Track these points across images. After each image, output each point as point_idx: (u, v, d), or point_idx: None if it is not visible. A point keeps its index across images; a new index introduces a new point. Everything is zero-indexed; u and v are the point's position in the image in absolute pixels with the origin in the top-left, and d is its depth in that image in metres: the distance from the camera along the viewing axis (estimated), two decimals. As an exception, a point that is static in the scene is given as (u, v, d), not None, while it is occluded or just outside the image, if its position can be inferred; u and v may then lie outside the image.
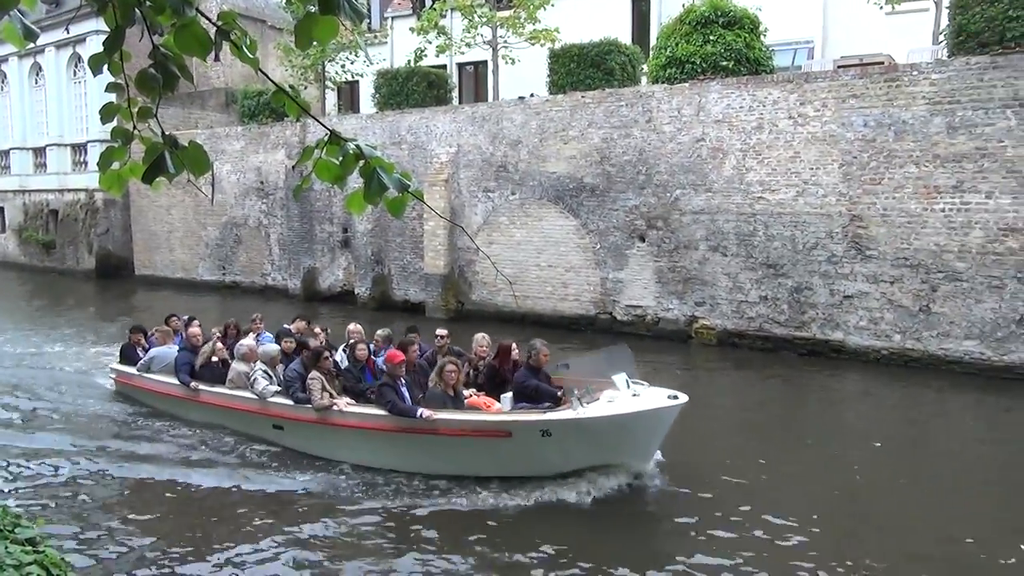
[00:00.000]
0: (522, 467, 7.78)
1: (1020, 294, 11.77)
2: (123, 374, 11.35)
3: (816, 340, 13.60)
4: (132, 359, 11.27)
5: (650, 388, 8.05)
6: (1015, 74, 11.69)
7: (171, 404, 10.47)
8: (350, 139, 2.68)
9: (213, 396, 9.83)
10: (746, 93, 14.13)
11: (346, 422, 8.45)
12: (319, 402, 8.48)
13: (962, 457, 9.14)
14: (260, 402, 9.14)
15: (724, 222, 14.45)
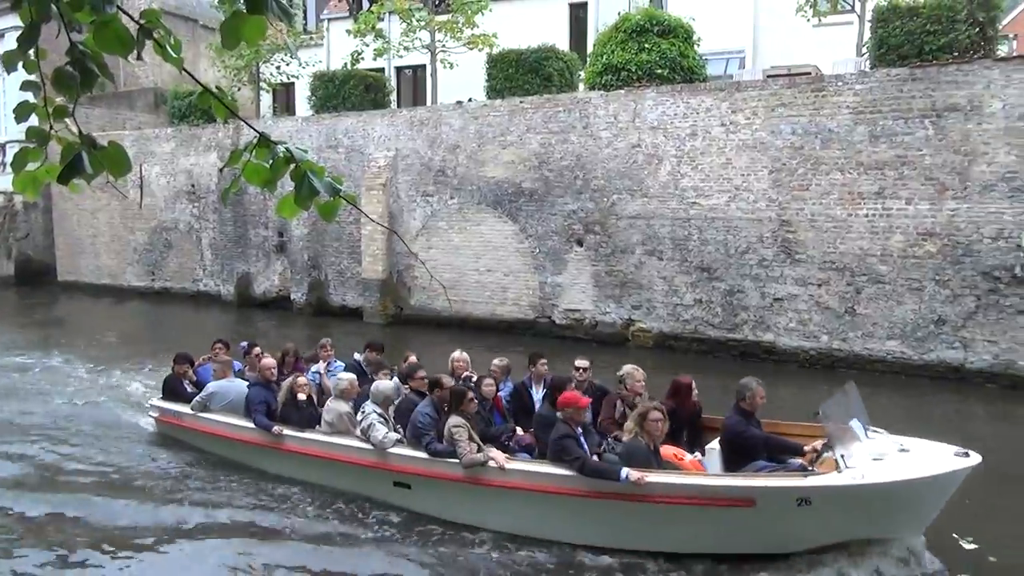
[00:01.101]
0: (761, 543, 6.21)
1: (938, 296, 12.30)
2: (169, 413, 9.46)
3: (748, 342, 13.95)
4: (179, 395, 9.44)
5: (892, 437, 6.56)
6: (932, 86, 12.23)
7: (240, 451, 8.62)
8: (280, 142, 2.63)
9: (305, 444, 7.96)
10: (680, 101, 14.42)
11: (508, 482, 6.67)
12: (470, 457, 6.67)
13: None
14: (377, 454, 7.34)
15: (660, 227, 14.70)
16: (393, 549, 6.75)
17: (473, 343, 15.81)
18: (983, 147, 11.88)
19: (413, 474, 7.21)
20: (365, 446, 7.47)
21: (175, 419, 9.40)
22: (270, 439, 8.17)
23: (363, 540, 6.95)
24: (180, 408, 9.32)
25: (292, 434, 8.07)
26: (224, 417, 8.82)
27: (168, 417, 9.52)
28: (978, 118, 11.89)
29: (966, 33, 12.56)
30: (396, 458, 7.30)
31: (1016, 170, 11.66)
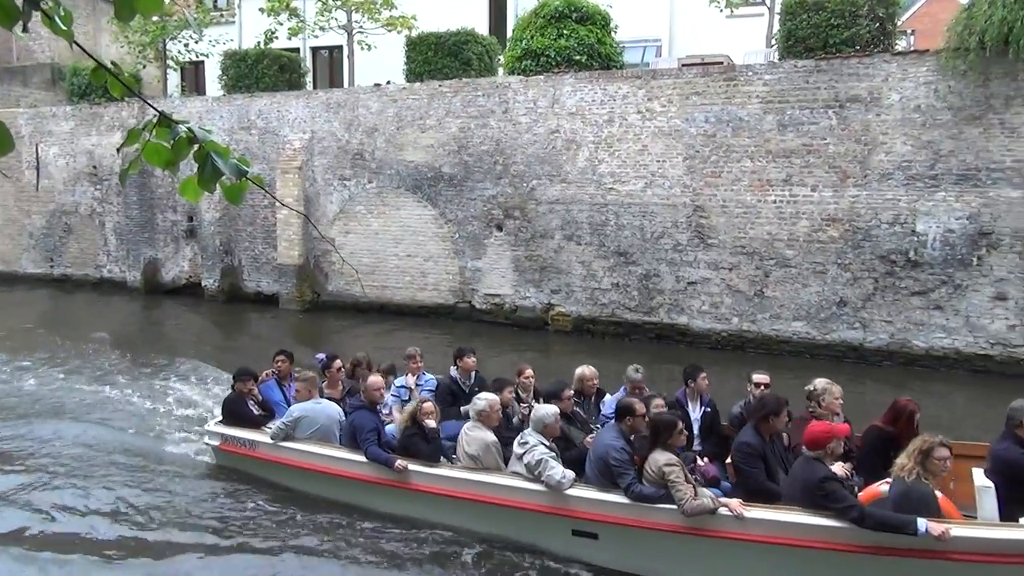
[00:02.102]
0: None
1: (840, 279, 12.89)
2: (238, 442, 7.84)
3: (664, 324, 14.31)
4: (245, 418, 7.91)
5: None
6: (836, 77, 12.74)
7: (341, 489, 7.13)
8: (181, 121, 2.53)
9: (442, 483, 6.57)
10: (598, 87, 14.58)
11: (744, 534, 5.47)
12: (697, 504, 5.52)
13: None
14: (551, 496, 6.07)
15: (578, 212, 14.87)
16: None
17: (393, 328, 15.74)
18: (882, 137, 12.47)
19: (601, 522, 5.92)
20: (531, 486, 6.14)
21: (246, 449, 7.77)
22: (388, 476, 6.73)
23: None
24: (252, 435, 7.73)
25: (422, 470, 6.64)
26: (318, 448, 7.25)
27: (236, 446, 7.87)
28: (877, 109, 12.47)
29: (867, 28, 13.11)
30: (579, 502, 5.99)
31: (911, 159, 12.29)
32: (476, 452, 6.51)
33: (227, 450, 7.97)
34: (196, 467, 8.38)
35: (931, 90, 12.13)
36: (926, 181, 12.21)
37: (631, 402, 6.29)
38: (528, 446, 6.23)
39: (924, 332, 12.41)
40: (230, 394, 8.16)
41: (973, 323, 12.10)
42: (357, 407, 7.24)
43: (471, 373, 8.12)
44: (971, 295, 12.07)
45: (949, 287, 12.20)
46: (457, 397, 7.87)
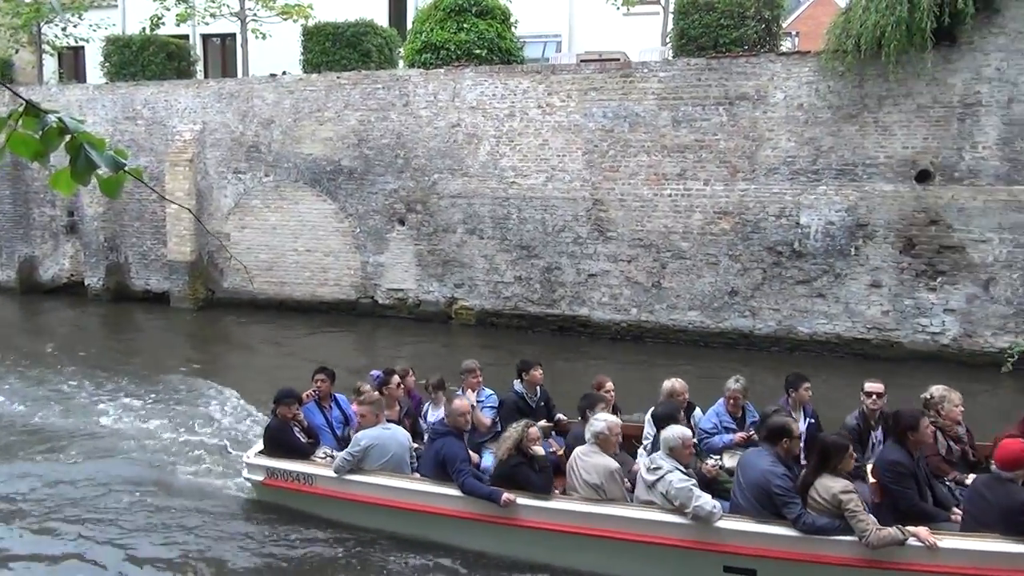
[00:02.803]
0: None
1: (731, 269, 13.44)
2: (289, 476, 6.82)
3: (565, 316, 14.55)
4: (292, 447, 6.98)
5: None
6: (726, 76, 13.25)
7: (429, 526, 6.34)
8: (50, 111, 2.40)
9: (560, 518, 5.86)
10: (498, 82, 14.64)
11: (938, 567, 5.03)
12: (884, 534, 5.06)
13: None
14: (699, 529, 5.50)
15: (480, 206, 14.91)
16: None
17: (294, 325, 15.37)
18: (768, 134, 13.06)
19: (761, 556, 5.37)
20: (672, 518, 5.56)
21: (300, 484, 6.78)
22: (490, 511, 5.97)
23: None
24: (307, 468, 6.79)
25: (533, 504, 5.88)
26: (398, 481, 6.43)
27: (285, 481, 6.84)
28: (764, 107, 13.04)
29: (754, 29, 13.68)
30: (732, 535, 5.41)
31: (795, 155, 12.93)
32: (599, 481, 5.82)
33: (274, 485, 6.90)
34: (234, 505, 7.34)
35: (812, 89, 12.78)
36: (808, 176, 12.88)
37: (786, 422, 5.70)
38: (662, 472, 5.63)
39: (808, 319, 13.10)
40: (272, 421, 7.14)
41: (852, 309, 12.86)
42: (443, 433, 6.42)
43: (537, 387, 7.49)
44: (849, 283, 12.83)
45: (830, 276, 12.92)
46: (524, 414, 7.13)
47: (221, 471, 8.20)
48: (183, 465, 8.40)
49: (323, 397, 7.59)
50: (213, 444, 9.03)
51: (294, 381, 7.85)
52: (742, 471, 5.72)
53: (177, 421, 9.87)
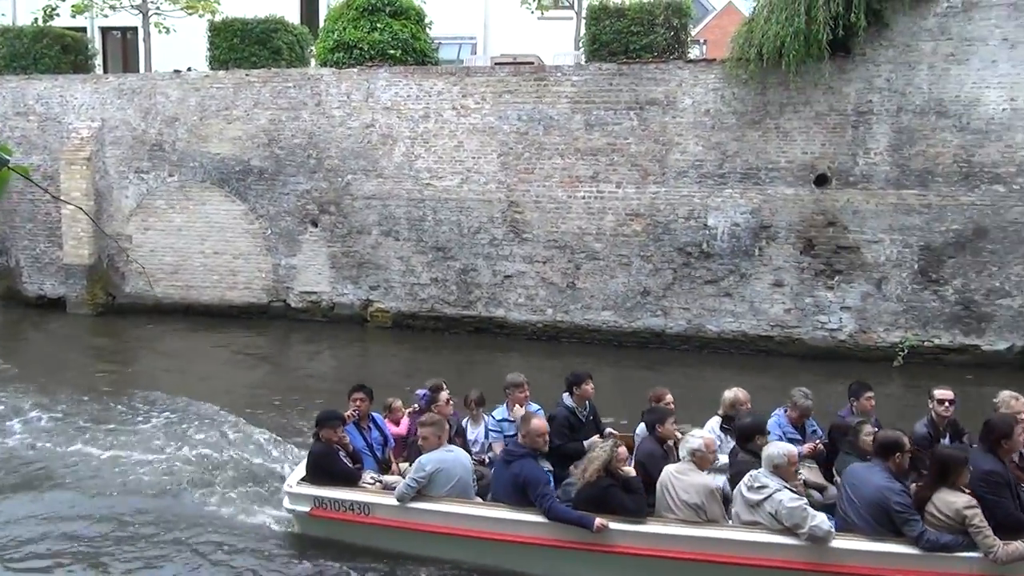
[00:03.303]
0: None
1: (643, 270, 13.75)
2: (341, 506, 6.26)
3: (482, 318, 14.57)
4: (343, 475, 6.44)
5: None
6: (636, 81, 13.55)
7: (508, 556, 5.89)
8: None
9: (660, 543, 5.55)
10: (413, 82, 14.55)
11: None
12: (1010, 550, 4.97)
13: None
14: (814, 550, 5.31)
15: (395, 207, 14.78)
16: None
17: (202, 330, 14.86)
18: (677, 138, 13.43)
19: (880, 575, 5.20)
20: (784, 540, 5.31)
21: (355, 514, 6.22)
22: (579, 537, 5.62)
23: None
24: (362, 497, 6.26)
25: (629, 529, 5.56)
26: (474, 508, 6.03)
27: (337, 511, 6.26)
28: (673, 112, 13.41)
29: (663, 36, 14.02)
30: (849, 555, 5.21)
31: (702, 159, 13.35)
32: (699, 501, 5.52)
33: (324, 516, 6.32)
34: (277, 541, 6.68)
35: (718, 96, 13.22)
36: (715, 179, 13.31)
37: (898, 436, 5.50)
38: (769, 491, 5.35)
39: (716, 317, 13.53)
40: (317, 446, 6.48)
41: (756, 308, 13.36)
42: (520, 455, 5.93)
43: (587, 401, 7.13)
44: (754, 283, 13.32)
45: (736, 276, 13.38)
46: (575, 430, 6.88)
47: (247, 499, 7.41)
48: (197, 494, 7.52)
49: (362, 417, 7.05)
50: (218, 466, 8.12)
51: (235, 391, 7.48)
52: (852, 488, 5.54)
53: (157, 441, 8.95)
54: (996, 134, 12.21)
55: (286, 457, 8.47)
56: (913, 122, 12.48)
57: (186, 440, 8.97)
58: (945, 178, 12.46)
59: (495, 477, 6.24)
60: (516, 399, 7.13)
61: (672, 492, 5.64)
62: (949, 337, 12.68)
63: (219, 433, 9.17)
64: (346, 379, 9.16)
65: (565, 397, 7.05)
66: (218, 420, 9.62)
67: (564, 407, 6.97)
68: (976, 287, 12.52)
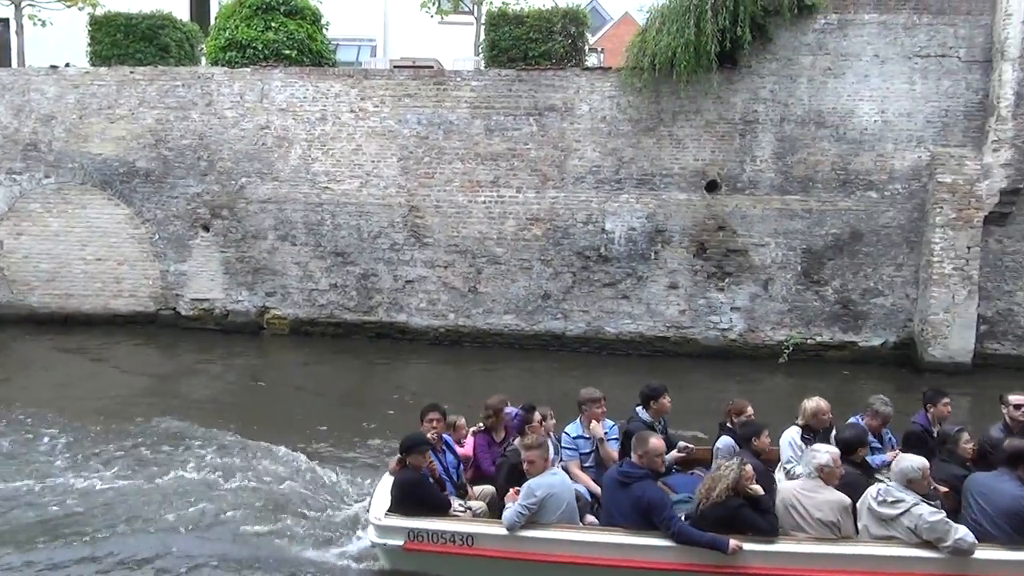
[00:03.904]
0: None
1: (544, 274, 13.92)
2: (440, 537, 5.81)
3: (383, 323, 14.39)
4: (436, 503, 6.01)
5: None
6: (535, 87, 13.72)
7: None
8: None
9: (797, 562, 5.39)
10: (309, 84, 14.24)
11: None
12: None
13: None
14: (956, 563, 5.25)
15: (292, 211, 14.41)
16: None
17: (85, 341, 14.03)
18: (575, 144, 13.68)
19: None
20: (926, 553, 5.23)
21: (457, 546, 5.79)
22: (709, 560, 5.41)
23: None
24: (464, 527, 5.86)
25: (763, 549, 5.37)
26: (592, 534, 5.72)
27: (435, 544, 5.82)
28: (571, 119, 13.65)
29: (561, 44, 14.24)
30: (995, 565, 5.20)
31: (600, 164, 13.64)
32: (834, 518, 5.41)
33: (420, 550, 5.85)
34: None
35: (614, 103, 13.55)
36: (612, 184, 13.63)
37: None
38: (907, 505, 5.27)
39: (614, 319, 13.84)
40: (405, 474, 6.02)
41: (653, 309, 13.75)
42: (639, 476, 5.63)
43: (662, 416, 6.95)
44: (650, 285, 13.71)
45: (633, 279, 13.73)
46: None
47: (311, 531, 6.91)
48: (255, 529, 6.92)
49: (437, 440, 6.61)
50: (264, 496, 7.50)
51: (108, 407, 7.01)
52: (982, 497, 5.52)
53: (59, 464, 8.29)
54: (869, 144, 13.03)
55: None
56: (795, 131, 13.16)
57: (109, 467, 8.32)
58: (824, 185, 13.19)
59: (609, 500, 5.87)
60: (593, 415, 6.73)
61: (801, 510, 5.53)
62: (830, 334, 13.42)
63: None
64: (237, 390, 8.83)
65: (640, 411, 6.82)
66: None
67: (641, 421, 6.70)
68: (853, 287, 13.31)
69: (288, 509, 7.23)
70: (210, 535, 6.85)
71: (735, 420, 6.66)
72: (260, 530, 6.89)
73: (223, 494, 7.58)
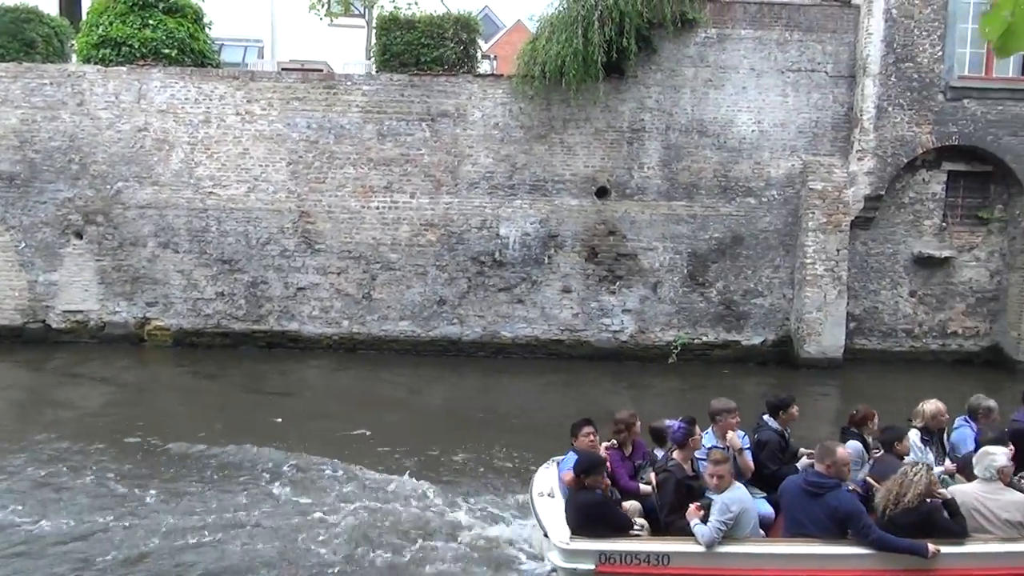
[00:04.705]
0: None
1: (439, 279, 13.89)
2: (635, 558, 5.64)
3: (274, 332, 13.97)
4: (620, 524, 5.83)
5: None
6: (428, 93, 13.69)
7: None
8: None
9: (994, 561, 5.51)
10: (191, 85, 13.69)
11: None
12: None
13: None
14: None
15: (174, 217, 13.79)
16: None
17: None
18: (468, 150, 13.74)
19: None
20: None
21: (650, 566, 5.65)
22: (908, 565, 5.49)
23: None
24: (657, 545, 5.74)
25: (957, 551, 5.47)
26: (791, 546, 5.69)
27: (628, 565, 5.67)
28: (464, 124, 13.70)
29: (453, 50, 14.28)
30: None
31: (493, 170, 13.75)
32: (1021, 518, 5.54)
33: (613, 572, 5.69)
34: None
35: (506, 110, 13.70)
36: (506, 190, 13.76)
37: None
38: None
39: (510, 323, 13.97)
40: (586, 495, 5.87)
41: (547, 313, 13.96)
42: (831, 487, 5.64)
43: (789, 424, 6.97)
44: (544, 289, 13.92)
45: (528, 283, 13.90)
46: (784, 453, 6.75)
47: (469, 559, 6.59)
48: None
49: None
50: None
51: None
52: None
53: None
54: (747, 152, 13.71)
55: None
56: (679, 140, 13.69)
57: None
58: (707, 191, 13.78)
59: (797, 509, 5.85)
60: (727, 425, 6.68)
61: (986, 512, 5.65)
62: (715, 334, 14.02)
63: None
64: (116, 408, 8.38)
65: (768, 420, 6.90)
66: None
67: (772, 430, 6.80)
68: (735, 289, 13.95)
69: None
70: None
71: (870, 426, 6.80)
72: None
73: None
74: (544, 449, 7.78)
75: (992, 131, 13.34)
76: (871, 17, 13.20)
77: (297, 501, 7.57)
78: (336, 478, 8.13)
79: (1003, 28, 2.01)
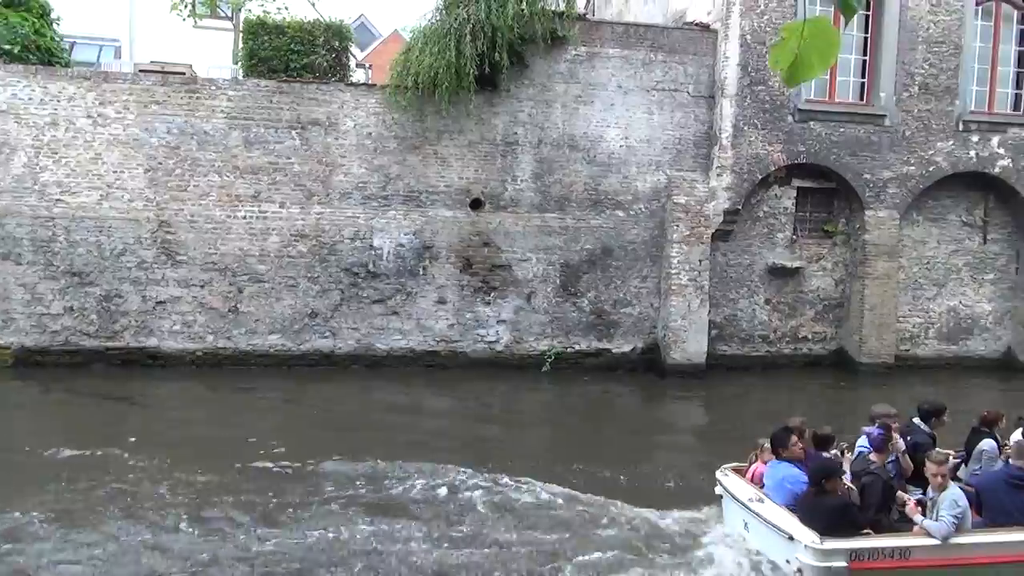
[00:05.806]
0: None
1: (311, 291, 13.53)
2: (882, 554, 6.33)
3: (131, 349, 13.14)
4: (863, 524, 6.54)
5: None
6: (298, 100, 13.34)
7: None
8: None
9: None
10: (36, 84, 12.73)
11: None
12: None
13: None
14: None
15: (16, 227, 12.75)
16: None
17: None
18: (340, 159, 13.48)
19: None
20: None
21: (894, 560, 6.33)
22: None
23: None
24: (897, 541, 6.43)
25: None
26: (1008, 534, 6.49)
27: (876, 561, 6.31)
28: (336, 134, 13.44)
29: (324, 57, 13.99)
30: None
31: (366, 180, 13.56)
32: None
33: (864, 568, 6.33)
34: None
35: (380, 120, 13.55)
36: (379, 201, 13.60)
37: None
38: None
39: (385, 335, 13.78)
40: (833, 499, 6.47)
41: (423, 324, 13.87)
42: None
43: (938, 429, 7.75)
44: (419, 300, 13.83)
45: (402, 294, 13.78)
46: None
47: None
48: None
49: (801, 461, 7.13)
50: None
51: None
52: None
53: None
54: (616, 167, 14.18)
55: None
56: (552, 154, 13.99)
57: None
58: (579, 204, 14.15)
59: (1004, 500, 6.62)
60: (896, 427, 7.32)
61: None
62: (587, 343, 14.37)
63: None
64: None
65: (922, 425, 7.60)
66: None
67: (926, 434, 7.49)
68: (605, 298, 14.37)
69: None
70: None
71: (1000, 424, 7.65)
72: None
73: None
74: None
75: (835, 151, 14.43)
76: (727, 42, 13.99)
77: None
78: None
79: (791, 59, 2.16)
